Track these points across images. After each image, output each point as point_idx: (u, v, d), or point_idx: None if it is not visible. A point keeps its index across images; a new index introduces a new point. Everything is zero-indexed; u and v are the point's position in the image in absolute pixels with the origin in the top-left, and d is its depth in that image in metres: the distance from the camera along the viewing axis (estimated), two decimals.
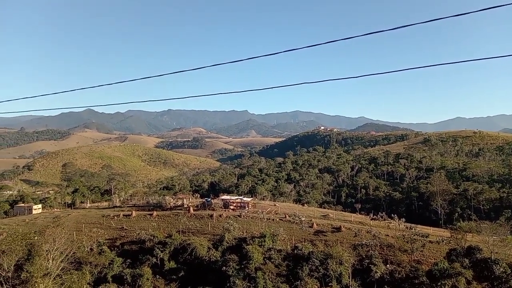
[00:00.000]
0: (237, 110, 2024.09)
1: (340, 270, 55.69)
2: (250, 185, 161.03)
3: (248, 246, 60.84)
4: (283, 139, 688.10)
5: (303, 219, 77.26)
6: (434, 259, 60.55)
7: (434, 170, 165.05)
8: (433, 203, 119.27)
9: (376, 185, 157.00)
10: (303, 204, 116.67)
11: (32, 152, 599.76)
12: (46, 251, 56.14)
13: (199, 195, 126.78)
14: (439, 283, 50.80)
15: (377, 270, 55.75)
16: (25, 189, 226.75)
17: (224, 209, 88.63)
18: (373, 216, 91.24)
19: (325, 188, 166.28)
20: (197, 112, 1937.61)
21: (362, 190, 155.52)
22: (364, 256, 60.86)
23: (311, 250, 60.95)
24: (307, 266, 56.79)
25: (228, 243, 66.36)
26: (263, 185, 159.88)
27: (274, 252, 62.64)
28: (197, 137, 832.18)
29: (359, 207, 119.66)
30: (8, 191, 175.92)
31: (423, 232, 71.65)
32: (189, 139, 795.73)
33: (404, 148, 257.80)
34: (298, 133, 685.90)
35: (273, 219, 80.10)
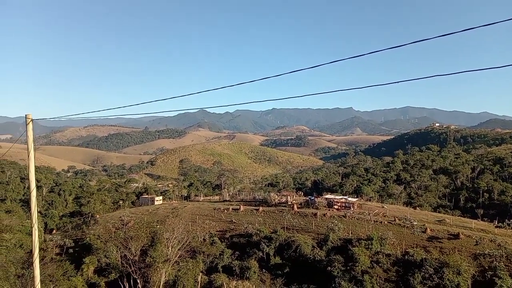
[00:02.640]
0: (341, 108, 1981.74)
1: (458, 281, 50.77)
2: (355, 185, 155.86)
3: (354, 248, 59.37)
4: (392, 137, 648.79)
5: (415, 223, 72.10)
6: None
7: None
8: None
9: (502, 188, 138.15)
10: (414, 207, 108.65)
11: (154, 149, 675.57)
12: (166, 239, 62.66)
13: (302, 193, 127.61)
14: None
15: (503, 284, 49.39)
16: (149, 182, 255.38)
17: (328, 209, 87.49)
18: (498, 223, 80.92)
19: (440, 191, 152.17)
20: (300, 110, 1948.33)
21: (485, 194, 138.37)
22: (486, 268, 54.72)
23: (424, 257, 56.73)
24: (420, 274, 53.13)
25: (332, 243, 65.57)
26: (369, 185, 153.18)
27: (383, 256, 59.92)
28: (300, 135, 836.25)
29: (481, 213, 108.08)
30: (134, 184, 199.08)
31: None
32: (292, 137, 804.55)
33: None
34: (408, 131, 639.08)
35: (381, 222, 76.40)
